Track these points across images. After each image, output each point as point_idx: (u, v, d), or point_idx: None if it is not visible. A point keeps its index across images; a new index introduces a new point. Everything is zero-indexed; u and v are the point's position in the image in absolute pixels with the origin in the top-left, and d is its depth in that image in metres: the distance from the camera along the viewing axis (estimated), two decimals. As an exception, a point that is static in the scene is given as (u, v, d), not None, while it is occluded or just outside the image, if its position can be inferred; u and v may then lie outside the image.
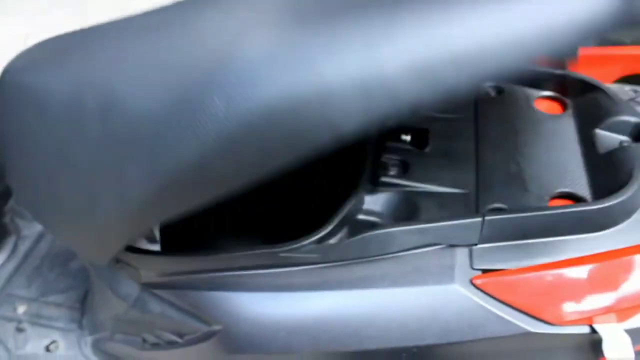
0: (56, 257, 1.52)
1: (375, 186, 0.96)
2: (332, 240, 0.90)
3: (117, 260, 1.07)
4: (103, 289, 1.20)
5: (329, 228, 0.89)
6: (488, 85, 1.10)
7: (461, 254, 0.87)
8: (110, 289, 1.14)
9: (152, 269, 1.04)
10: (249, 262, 0.93)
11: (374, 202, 0.95)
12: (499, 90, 1.10)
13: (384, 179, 0.95)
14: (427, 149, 1.00)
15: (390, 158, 0.99)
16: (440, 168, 0.97)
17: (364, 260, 0.88)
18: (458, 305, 0.84)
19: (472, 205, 0.92)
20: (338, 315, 0.89)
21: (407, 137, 1.03)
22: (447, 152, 1.00)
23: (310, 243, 0.88)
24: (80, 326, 1.38)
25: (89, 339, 1.34)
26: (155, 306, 1.05)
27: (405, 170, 0.97)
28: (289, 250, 0.89)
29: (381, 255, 0.88)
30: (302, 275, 0.90)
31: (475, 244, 0.86)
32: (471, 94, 1.06)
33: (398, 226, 0.87)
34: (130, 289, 1.11)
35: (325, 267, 0.90)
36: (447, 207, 0.92)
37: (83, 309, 1.40)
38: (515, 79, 1.09)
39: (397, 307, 0.87)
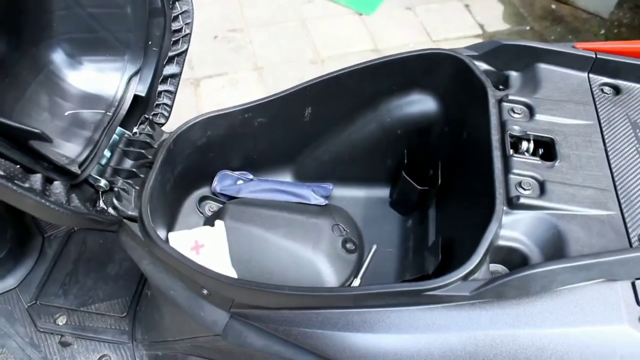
0: (90, 261, 1.33)
1: (513, 209, 0.82)
2: (478, 274, 0.77)
3: (202, 288, 0.91)
4: (173, 309, 1.04)
5: (476, 261, 0.76)
6: (603, 84, 0.97)
7: (623, 288, 0.75)
8: (191, 314, 0.98)
9: (252, 300, 0.88)
10: (379, 300, 0.79)
11: (513, 226, 0.82)
12: (617, 90, 0.96)
13: (523, 201, 0.82)
14: (556, 163, 0.86)
15: (521, 175, 0.85)
16: (576, 184, 0.84)
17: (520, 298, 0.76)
18: (631, 348, 0.73)
19: (620, 229, 0.80)
20: (492, 357, 0.77)
21: (531, 145, 0.89)
22: (578, 165, 0.86)
23: (457, 280, 0.75)
24: (133, 338, 1.21)
25: (144, 354, 1.18)
26: (255, 339, 0.90)
27: (541, 190, 0.83)
28: (435, 288, 0.75)
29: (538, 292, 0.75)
30: (450, 314, 0.77)
31: (638, 278, 0.75)
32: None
33: (561, 263, 0.74)
34: (217, 316, 0.95)
35: (475, 304, 0.77)
36: (595, 233, 0.80)
37: (133, 319, 1.23)
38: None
39: (561, 349, 0.75)
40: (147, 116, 1.09)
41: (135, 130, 1.08)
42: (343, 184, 1.22)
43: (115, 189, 0.99)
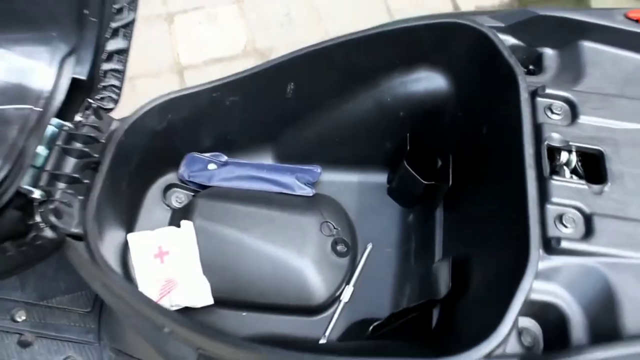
0: (50, 244, 1.12)
1: (551, 253, 0.61)
2: (504, 348, 0.58)
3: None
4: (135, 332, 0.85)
5: (503, 334, 0.56)
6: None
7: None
8: (153, 346, 0.79)
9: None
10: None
11: (550, 276, 0.62)
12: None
13: (565, 245, 0.60)
14: (606, 186, 0.64)
15: (561, 204, 0.63)
16: (633, 218, 0.63)
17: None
18: None
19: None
20: None
21: (572, 158, 0.67)
22: (635, 189, 0.65)
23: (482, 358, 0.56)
24: (99, 338, 1.03)
25: (113, 357, 1.00)
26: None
27: (588, 228, 0.62)
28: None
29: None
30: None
31: None
32: None
33: (610, 348, 0.55)
34: (184, 353, 0.77)
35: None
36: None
37: (99, 316, 1.04)
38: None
39: None
40: (91, 101, 0.84)
41: (78, 118, 0.84)
42: (333, 166, 0.99)
43: (54, 205, 0.77)
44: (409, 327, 0.79)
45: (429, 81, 0.86)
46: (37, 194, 0.77)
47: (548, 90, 0.70)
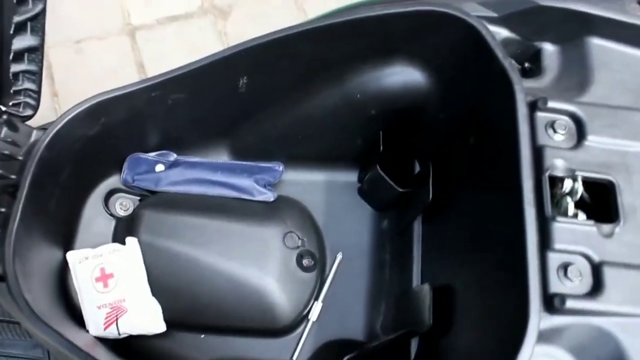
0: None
1: (554, 313, 0.50)
2: None
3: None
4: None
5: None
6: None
7: None
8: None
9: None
10: None
11: (552, 338, 0.51)
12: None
13: (571, 305, 0.49)
14: (617, 227, 0.53)
15: (566, 251, 0.51)
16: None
17: None
18: None
19: None
20: None
21: (578, 188, 0.55)
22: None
23: None
24: (47, 352, 0.91)
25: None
26: None
27: (596, 281, 0.51)
28: None
29: None
30: None
31: None
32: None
33: None
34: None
35: None
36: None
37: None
38: None
39: None
40: (3, 108, 0.67)
41: (-13, 130, 0.68)
42: (296, 163, 0.85)
43: (-38, 242, 0.62)
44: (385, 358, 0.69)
45: (404, 76, 0.71)
46: (-58, 230, 0.62)
47: (550, 104, 0.57)
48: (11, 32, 0.63)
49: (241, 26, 1.55)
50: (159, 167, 0.83)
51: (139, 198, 0.84)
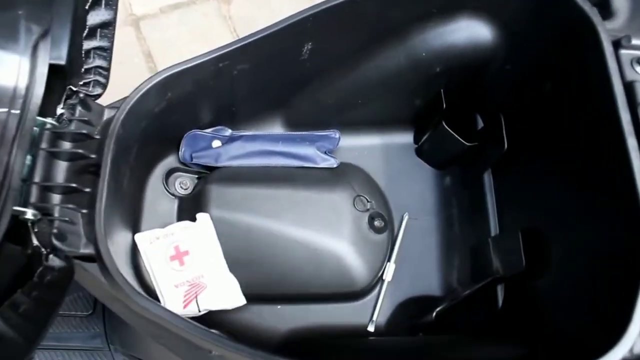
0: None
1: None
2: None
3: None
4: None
5: (634, 334, 0.48)
6: None
7: None
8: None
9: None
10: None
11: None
12: None
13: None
14: None
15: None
16: None
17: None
18: None
19: None
20: None
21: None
22: None
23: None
24: (107, 341, 0.90)
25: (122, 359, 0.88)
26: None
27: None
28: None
29: None
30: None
31: None
32: None
33: None
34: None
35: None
36: None
37: (102, 317, 0.90)
38: None
39: None
40: (74, 88, 0.65)
41: (60, 110, 0.66)
42: (351, 129, 0.86)
43: (54, 225, 0.61)
44: (472, 309, 0.70)
45: (470, 31, 0.72)
46: (30, 213, 0.60)
47: (634, 41, 0.58)
48: (87, 7, 0.61)
49: (245, 9, 1.53)
50: (216, 143, 0.82)
51: (197, 176, 0.83)
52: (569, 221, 0.61)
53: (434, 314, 0.70)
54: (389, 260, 0.80)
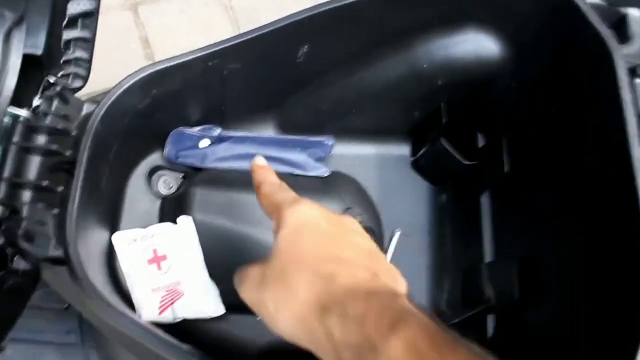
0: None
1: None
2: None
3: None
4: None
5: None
6: None
7: None
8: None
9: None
10: None
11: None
12: None
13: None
14: None
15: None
16: None
17: None
18: None
19: None
20: None
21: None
22: None
23: None
24: (81, 338, 0.87)
25: (96, 358, 0.85)
26: None
27: None
28: None
29: None
30: None
31: None
32: None
33: None
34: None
35: None
36: None
37: (78, 312, 0.87)
38: None
39: None
40: (52, 80, 0.62)
41: (36, 102, 0.62)
42: (346, 137, 0.81)
43: (22, 225, 0.57)
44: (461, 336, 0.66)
45: (476, 44, 0.67)
46: (-4, 211, 0.57)
47: (652, 68, 0.54)
48: (66, -5, 0.57)
49: (247, 0, 1.49)
50: (204, 143, 0.78)
51: (181, 175, 0.80)
52: (570, 254, 0.58)
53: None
54: (376, 277, 0.76)
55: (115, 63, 1.32)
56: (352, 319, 0.37)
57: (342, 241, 0.45)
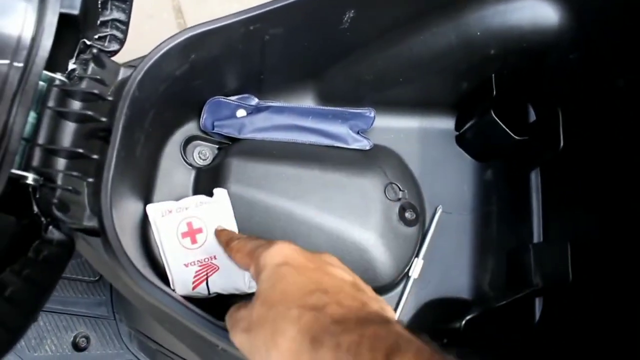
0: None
1: None
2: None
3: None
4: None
5: None
6: None
7: None
8: (201, 356, 0.61)
9: None
10: None
11: None
12: None
13: None
14: None
15: None
16: None
17: None
18: None
19: None
20: None
21: None
22: None
23: None
24: (113, 310, 0.85)
25: (133, 334, 0.83)
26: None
27: None
28: None
29: None
30: None
31: None
32: None
33: None
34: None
35: None
36: None
37: (110, 284, 0.85)
38: None
39: None
40: (88, 42, 0.58)
41: (72, 65, 0.59)
42: (388, 109, 0.78)
43: (56, 194, 0.54)
44: (505, 321, 0.63)
45: (533, 11, 0.63)
46: (31, 178, 0.54)
47: None
48: (104, -50, 0.54)
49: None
50: (241, 112, 0.75)
51: (217, 146, 0.77)
52: (625, 237, 0.53)
53: (463, 322, 0.63)
54: (417, 256, 0.73)
55: (147, 34, 1.29)
56: (346, 349, 0.34)
57: (324, 273, 0.44)
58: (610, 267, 0.56)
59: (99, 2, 0.57)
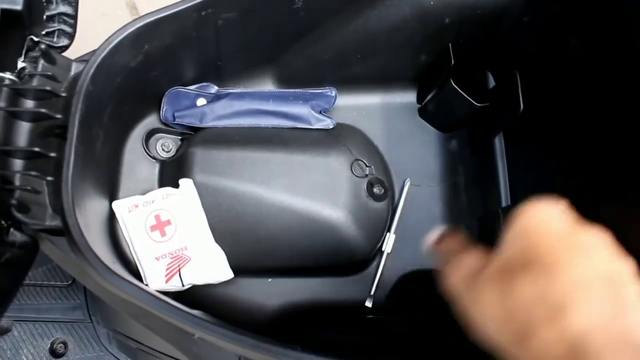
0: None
1: None
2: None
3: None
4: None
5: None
6: None
7: None
8: (180, 350, 0.61)
9: None
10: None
11: None
12: None
13: None
14: None
15: None
16: None
17: None
18: None
19: None
20: None
21: None
22: None
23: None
24: (89, 313, 0.84)
25: (111, 335, 0.82)
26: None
27: None
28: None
29: None
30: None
31: None
32: None
33: None
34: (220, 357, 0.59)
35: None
36: None
37: (83, 287, 0.84)
38: None
39: None
40: (36, 39, 0.57)
41: (21, 64, 0.57)
42: (348, 87, 0.77)
43: (15, 195, 0.53)
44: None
45: (486, -24, 0.63)
46: (-16, 182, 0.53)
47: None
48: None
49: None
50: (201, 101, 0.74)
51: (180, 137, 0.76)
52: (589, 195, 0.54)
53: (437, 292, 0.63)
54: (389, 231, 0.73)
55: (102, 33, 1.26)
56: None
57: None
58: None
59: (43, -4, 0.55)
